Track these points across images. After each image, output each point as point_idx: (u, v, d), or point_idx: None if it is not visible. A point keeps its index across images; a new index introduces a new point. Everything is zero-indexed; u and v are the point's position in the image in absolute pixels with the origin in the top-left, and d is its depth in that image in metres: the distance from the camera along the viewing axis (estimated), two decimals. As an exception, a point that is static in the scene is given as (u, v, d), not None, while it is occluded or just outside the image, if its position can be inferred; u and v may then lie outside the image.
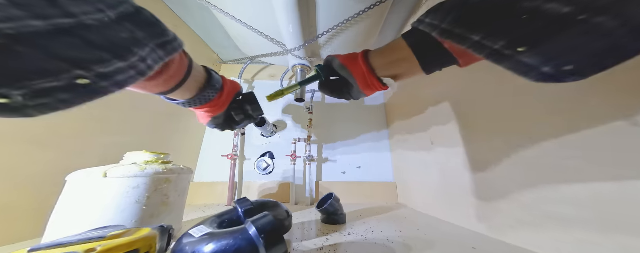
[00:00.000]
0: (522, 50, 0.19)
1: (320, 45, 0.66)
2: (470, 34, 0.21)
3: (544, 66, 0.18)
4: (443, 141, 0.56)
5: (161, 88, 0.29)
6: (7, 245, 0.38)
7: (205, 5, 0.58)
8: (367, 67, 0.34)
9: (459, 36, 0.22)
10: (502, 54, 0.20)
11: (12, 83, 0.14)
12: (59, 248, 0.20)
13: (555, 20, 0.17)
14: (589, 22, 0.16)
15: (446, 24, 0.23)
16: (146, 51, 0.21)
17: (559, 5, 0.16)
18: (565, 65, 0.18)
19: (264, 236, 0.25)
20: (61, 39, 0.15)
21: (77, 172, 0.37)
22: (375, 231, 0.46)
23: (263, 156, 0.89)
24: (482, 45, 0.21)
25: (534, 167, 0.34)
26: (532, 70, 0.19)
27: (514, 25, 0.19)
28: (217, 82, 0.36)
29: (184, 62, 0.29)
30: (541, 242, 0.33)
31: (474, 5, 0.21)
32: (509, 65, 0.20)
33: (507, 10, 0.19)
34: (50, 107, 0.16)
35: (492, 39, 0.20)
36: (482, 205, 0.43)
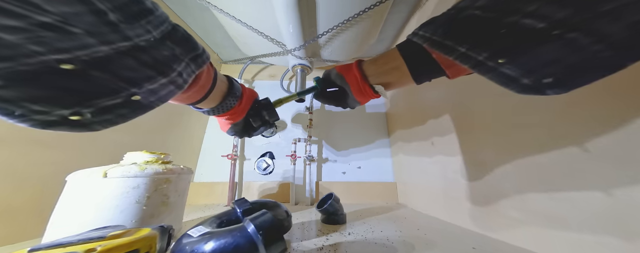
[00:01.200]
0: (502, 62, 0.20)
1: (320, 45, 0.66)
2: (458, 45, 0.23)
3: (523, 78, 0.20)
4: (443, 141, 0.56)
5: (192, 99, 0.31)
6: (7, 245, 0.38)
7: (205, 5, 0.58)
8: (360, 74, 0.36)
9: (447, 47, 0.24)
10: (486, 65, 0.21)
11: (84, 102, 0.16)
12: (59, 248, 0.20)
13: (531, 35, 0.18)
14: (563, 37, 0.17)
15: (437, 36, 0.25)
16: (182, 66, 0.22)
17: (534, 21, 0.18)
18: (544, 78, 0.19)
19: (263, 233, 0.25)
20: (121, 61, 0.17)
21: (77, 172, 0.37)
22: (375, 231, 0.46)
23: (263, 156, 0.89)
24: (468, 56, 0.22)
25: (534, 168, 0.34)
26: (512, 81, 0.20)
27: (495, 38, 0.20)
28: (238, 90, 0.37)
29: (210, 73, 0.31)
30: (541, 242, 0.33)
31: (462, 20, 0.23)
32: (491, 76, 0.21)
33: (490, 25, 0.20)
34: (111, 121, 0.18)
35: (476, 51, 0.21)
36: (482, 205, 0.43)
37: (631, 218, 0.24)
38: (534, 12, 0.18)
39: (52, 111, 0.15)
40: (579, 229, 0.28)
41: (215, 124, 0.97)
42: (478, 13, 0.22)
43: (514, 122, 0.37)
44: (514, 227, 0.37)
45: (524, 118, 0.35)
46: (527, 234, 0.35)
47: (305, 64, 0.69)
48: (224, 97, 0.35)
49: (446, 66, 0.28)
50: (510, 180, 0.38)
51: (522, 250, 0.34)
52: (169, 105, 0.36)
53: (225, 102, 0.35)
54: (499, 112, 0.40)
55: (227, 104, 0.36)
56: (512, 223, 0.37)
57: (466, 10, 0.23)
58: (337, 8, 0.54)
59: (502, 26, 0.20)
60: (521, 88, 0.20)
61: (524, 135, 0.35)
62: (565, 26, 0.17)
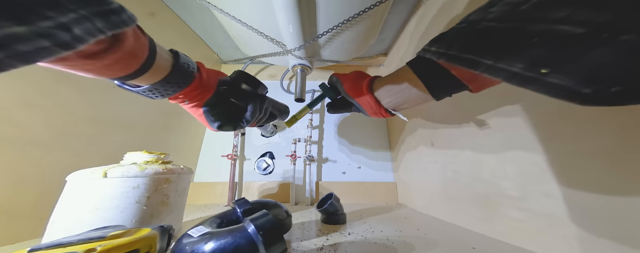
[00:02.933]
0: (545, 72, 0.18)
1: (320, 45, 0.66)
2: (482, 58, 0.21)
3: (583, 88, 0.17)
4: (443, 141, 0.56)
5: (116, 71, 0.24)
6: (7, 245, 0.38)
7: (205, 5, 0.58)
8: (375, 100, 0.35)
9: (469, 61, 0.22)
10: (525, 77, 0.19)
11: None
12: (59, 248, 0.20)
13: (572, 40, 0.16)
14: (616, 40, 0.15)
15: (453, 51, 0.24)
16: (70, 18, 0.17)
17: (571, 27, 0.16)
18: (611, 87, 0.16)
19: (263, 233, 0.25)
20: None
21: (77, 172, 0.37)
22: (375, 231, 0.46)
23: (263, 156, 0.89)
24: (497, 68, 0.20)
25: (534, 167, 0.34)
26: (570, 92, 0.17)
27: (527, 47, 0.18)
28: (188, 63, 0.31)
29: (141, 39, 0.25)
30: (541, 242, 0.33)
31: (480, 32, 0.22)
32: (537, 88, 0.19)
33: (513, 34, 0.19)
34: None
35: (506, 61, 0.20)
36: (482, 205, 0.43)
37: (631, 219, 0.24)
38: (567, 19, 0.16)
39: None
40: (579, 229, 0.28)
41: (215, 124, 0.97)
42: (494, 24, 0.21)
43: (514, 122, 0.37)
44: (514, 227, 0.37)
45: (524, 118, 0.35)
46: (527, 234, 0.35)
47: (305, 64, 0.69)
48: (170, 72, 0.29)
49: (469, 81, 0.27)
50: (510, 180, 0.38)
51: (522, 250, 0.34)
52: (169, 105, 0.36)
53: (171, 76, 0.29)
54: (500, 112, 0.40)
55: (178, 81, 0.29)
56: (512, 223, 0.37)
57: (479, 22, 0.22)
58: (337, 8, 0.54)
59: (530, 34, 0.18)
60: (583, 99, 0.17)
61: (524, 135, 0.35)
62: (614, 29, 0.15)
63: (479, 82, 0.28)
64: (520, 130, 0.36)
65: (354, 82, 0.38)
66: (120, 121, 0.60)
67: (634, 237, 0.24)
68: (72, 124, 0.49)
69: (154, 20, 0.67)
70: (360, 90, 0.36)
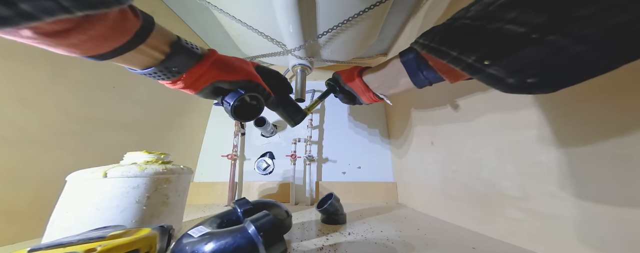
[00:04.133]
0: (487, 63, 0.22)
1: (320, 45, 0.66)
2: (451, 50, 0.26)
3: (508, 78, 0.21)
4: (443, 141, 0.56)
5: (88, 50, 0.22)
6: (7, 245, 0.38)
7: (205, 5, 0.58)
8: (363, 84, 0.41)
9: (442, 52, 0.27)
10: (474, 67, 0.23)
11: None
12: (59, 248, 0.20)
13: (512, 38, 0.20)
14: (543, 40, 0.18)
15: (435, 43, 0.28)
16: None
17: (515, 27, 0.19)
18: (528, 78, 0.20)
19: (263, 234, 0.25)
20: None
21: (77, 172, 0.37)
22: (375, 231, 0.46)
23: (263, 156, 0.89)
24: (459, 59, 0.25)
25: (534, 167, 0.34)
26: (498, 81, 0.22)
27: (482, 42, 0.22)
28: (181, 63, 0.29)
29: (128, 23, 0.23)
30: (541, 241, 0.33)
31: (456, 28, 0.26)
32: (480, 77, 0.23)
33: (477, 31, 0.23)
34: None
35: (466, 54, 0.24)
36: (482, 205, 0.43)
37: (631, 219, 0.24)
38: (515, 19, 0.19)
39: None
40: (579, 229, 0.28)
41: (215, 124, 0.97)
42: (468, 22, 0.24)
43: (514, 122, 0.37)
44: (514, 227, 0.37)
45: (524, 117, 0.35)
46: (527, 234, 0.35)
47: (305, 64, 0.69)
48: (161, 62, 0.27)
49: (443, 72, 0.31)
50: (510, 180, 0.38)
51: (522, 250, 0.34)
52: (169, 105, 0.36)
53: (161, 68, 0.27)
54: (499, 112, 0.40)
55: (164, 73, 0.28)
56: (512, 223, 0.37)
57: (459, 19, 0.26)
58: (337, 8, 0.54)
59: (487, 32, 0.22)
60: (507, 87, 0.22)
61: (524, 135, 0.35)
62: (543, 30, 0.18)
63: (451, 72, 0.31)
64: (521, 130, 0.36)
65: (349, 72, 0.46)
66: (120, 121, 0.60)
67: (634, 237, 0.24)
68: (69, 123, 0.49)
69: (154, 20, 0.67)
70: (352, 76, 0.44)
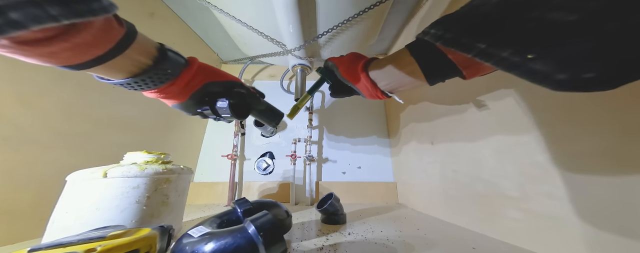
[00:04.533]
0: (531, 57, 0.19)
1: (320, 45, 0.66)
2: (477, 42, 0.21)
3: (559, 73, 0.18)
4: (443, 141, 0.56)
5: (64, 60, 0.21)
6: (7, 245, 0.38)
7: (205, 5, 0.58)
8: (371, 82, 0.34)
9: (464, 45, 0.22)
10: (511, 61, 0.20)
11: None
12: (59, 248, 0.20)
13: (562, 28, 0.17)
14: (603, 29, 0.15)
15: (451, 34, 0.24)
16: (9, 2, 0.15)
17: (564, 14, 0.16)
18: (585, 73, 0.17)
19: (263, 234, 0.25)
20: None
21: (77, 172, 0.37)
22: (375, 231, 0.46)
23: (263, 156, 0.89)
24: (488, 53, 0.21)
25: (534, 167, 0.34)
26: (547, 77, 0.18)
27: (521, 33, 0.19)
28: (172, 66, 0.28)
29: (113, 32, 0.23)
30: (541, 241, 0.33)
31: (480, 16, 0.22)
32: (520, 73, 0.20)
33: (513, 19, 0.19)
34: None
35: (499, 46, 0.20)
36: (482, 205, 0.43)
37: (631, 219, 0.24)
38: (562, 4, 0.16)
39: None
40: (579, 229, 0.28)
41: (215, 124, 0.97)
42: (495, 9, 0.21)
43: (514, 122, 0.37)
44: (514, 227, 0.37)
45: (525, 117, 0.35)
46: (527, 234, 0.35)
47: (305, 64, 0.69)
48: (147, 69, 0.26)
49: (464, 66, 0.27)
50: (510, 180, 0.38)
51: (522, 250, 0.34)
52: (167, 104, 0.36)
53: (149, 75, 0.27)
54: (500, 112, 0.40)
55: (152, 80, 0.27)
56: (512, 223, 0.37)
57: (483, 6, 0.22)
58: (337, 8, 0.54)
59: (527, 20, 0.18)
60: (556, 84, 0.18)
61: (523, 135, 0.35)
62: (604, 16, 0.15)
63: (472, 67, 0.27)
64: (521, 131, 0.36)
65: (350, 64, 0.37)
66: (120, 121, 0.60)
67: (635, 237, 0.24)
68: (70, 123, 0.49)
69: (154, 20, 0.67)
70: (356, 73, 0.36)
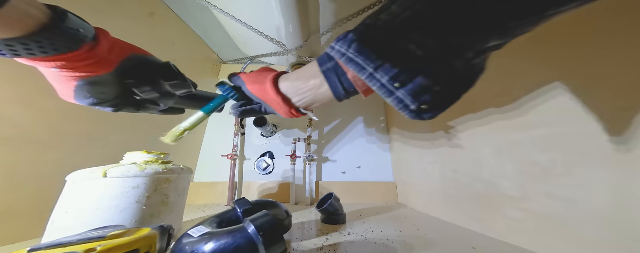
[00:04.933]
0: (398, 87, 0.20)
1: (320, 45, 0.66)
2: (367, 64, 0.21)
3: (412, 104, 0.20)
4: (443, 141, 0.56)
5: None
6: (7, 245, 0.38)
7: (205, 5, 0.58)
8: (283, 99, 0.31)
9: (359, 66, 0.22)
10: (387, 89, 0.21)
11: None
12: (59, 248, 0.20)
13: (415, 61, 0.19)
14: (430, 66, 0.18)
15: (351, 53, 0.23)
16: None
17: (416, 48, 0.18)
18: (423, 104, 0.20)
19: (263, 234, 0.25)
20: None
21: (77, 172, 0.37)
22: (375, 231, 0.46)
23: (263, 156, 0.89)
24: (373, 78, 0.21)
25: (534, 167, 0.34)
26: (405, 107, 0.21)
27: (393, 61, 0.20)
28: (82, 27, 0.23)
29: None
30: (541, 242, 0.33)
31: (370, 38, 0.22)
32: (392, 101, 0.21)
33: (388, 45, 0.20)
34: None
35: (380, 72, 0.21)
36: (482, 205, 0.43)
37: (631, 219, 0.24)
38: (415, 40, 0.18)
39: None
40: (579, 229, 0.28)
41: (215, 124, 0.97)
42: (379, 33, 0.21)
43: (514, 122, 0.37)
44: (514, 227, 0.37)
45: (525, 117, 0.35)
46: (527, 234, 0.35)
47: (305, 64, 0.69)
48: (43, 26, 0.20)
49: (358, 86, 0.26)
50: (510, 180, 0.38)
51: (522, 250, 0.34)
52: (169, 105, 0.36)
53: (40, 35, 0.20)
54: (500, 112, 0.40)
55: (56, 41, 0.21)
56: (512, 223, 0.37)
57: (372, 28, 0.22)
58: (337, 8, 0.54)
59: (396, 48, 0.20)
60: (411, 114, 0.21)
61: (524, 135, 0.36)
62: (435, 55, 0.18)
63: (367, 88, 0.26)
64: (520, 131, 0.36)
65: (257, 79, 0.33)
66: (120, 121, 0.60)
67: (635, 237, 0.24)
68: (70, 123, 0.49)
69: (154, 20, 0.67)
70: (264, 88, 0.32)
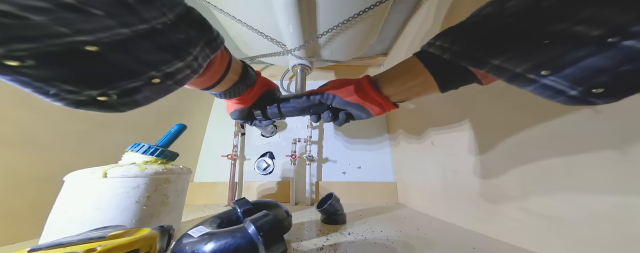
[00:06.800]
0: (546, 74, 0.18)
1: (320, 45, 0.66)
2: (491, 57, 0.21)
3: (571, 89, 0.18)
4: (443, 141, 0.56)
5: (206, 84, 0.30)
6: (7, 245, 0.38)
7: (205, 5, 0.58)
8: (384, 98, 0.33)
9: (475, 59, 0.22)
10: (526, 78, 0.19)
11: (109, 84, 0.17)
12: (59, 248, 0.20)
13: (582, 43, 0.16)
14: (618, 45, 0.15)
15: (458, 46, 0.23)
16: (197, 50, 0.22)
17: (587, 28, 0.16)
18: (594, 88, 0.17)
19: (263, 234, 0.25)
20: (140, 44, 0.17)
21: (76, 172, 0.37)
22: (375, 231, 0.46)
23: (263, 156, 0.89)
24: (502, 69, 0.20)
25: (534, 167, 0.34)
26: (558, 93, 0.19)
27: (537, 48, 0.18)
28: (250, 78, 0.36)
29: (225, 58, 0.30)
30: (541, 242, 0.33)
31: (493, 29, 0.21)
32: (533, 89, 0.19)
33: (530, 34, 0.19)
34: (136, 103, 0.19)
35: (514, 62, 0.20)
36: (482, 205, 0.43)
37: (631, 219, 0.24)
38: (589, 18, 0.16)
39: (82, 91, 0.16)
40: (579, 229, 0.28)
41: (215, 124, 0.97)
42: (511, 21, 0.20)
43: (514, 122, 0.37)
44: (514, 227, 0.37)
45: (525, 117, 0.35)
46: (527, 234, 0.35)
47: (306, 64, 0.69)
48: (235, 82, 0.34)
49: (482, 75, 0.26)
50: (510, 180, 0.38)
51: (522, 250, 0.34)
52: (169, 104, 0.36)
53: (235, 87, 0.34)
54: (500, 112, 0.40)
55: (237, 90, 0.35)
56: (512, 223, 0.37)
57: (494, 18, 0.21)
58: (337, 8, 0.54)
59: (545, 35, 0.18)
60: (568, 100, 0.19)
61: (524, 135, 0.36)
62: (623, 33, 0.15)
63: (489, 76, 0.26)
64: (520, 130, 0.36)
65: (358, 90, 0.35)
66: (120, 121, 0.60)
67: (635, 237, 0.24)
68: (70, 123, 0.49)
69: (154, 20, 0.67)
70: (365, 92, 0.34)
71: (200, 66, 0.23)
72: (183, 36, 0.20)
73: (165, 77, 0.19)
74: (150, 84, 0.19)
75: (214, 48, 0.25)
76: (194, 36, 0.21)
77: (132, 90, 0.18)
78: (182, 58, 0.20)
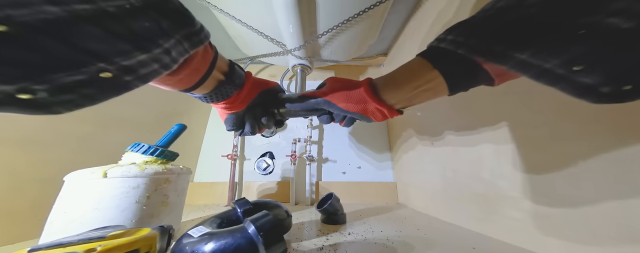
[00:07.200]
0: (578, 69, 0.17)
1: (320, 45, 0.66)
2: (514, 51, 0.19)
3: (603, 86, 0.17)
4: (443, 141, 0.56)
5: (184, 84, 0.26)
6: (7, 245, 0.38)
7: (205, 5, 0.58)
8: (387, 107, 0.31)
9: (497, 54, 0.20)
10: (555, 74, 0.17)
11: (34, 77, 0.13)
12: (59, 248, 0.20)
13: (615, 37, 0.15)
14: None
15: (475, 40, 0.21)
16: (171, 43, 0.19)
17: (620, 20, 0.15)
18: (624, 85, 0.16)
19: (263, 234, 0.25)
20: (81, 28, 0.14)
21: (76, 172, 0.37)
22: (375, 231, 0.46)
23: (263, 156, 0.88)
24: (528, 64, 0.18)
25: (534, 167, 0.34)
26: (590, 91, 0.17)
27: (569, 41, 0.17)
28: (238, 78, 0.33)
29: (208, 54, 0.27)
30: (541, 242, 0.33)
31: (515, 21, 0.19)
32: (563, 86, 0.18)
33: (560, 26, 0.17)
34: (76, 103, 0.15)
35: (541, 57, 0.18)
36: (482, 205, 0.43)
37: (631, 219, 0.24)
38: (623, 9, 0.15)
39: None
40: (579, 229, 0.28)
41: (215, 124, 0.97)
42: (534, 12, 0.18)
43: (514, 122, 0.37)
44: (514, 227, 0.37)
45: (525, 117, 0.35)
46: (527, 234, 0.35)
47: (305, 64, 0.69)
48: (220, 82, 0.30)
49: (497, 74, 0.24)
50: (510, 180, 0.38)
51: (522, 250, 0.34)
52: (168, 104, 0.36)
53: (221, 88, 0.31)
54: (500, 112, 0.40)
55: (224, 92, 0.31)
56: (512, 223, 0.37)
57: (514, 9, 0.19)
58: (337, 8, 0.54)
59: (578, 27, 0.16)
60: (598, 97, 0.17)
61: (524, 135, 0.36)
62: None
63: (505, 76, 0.24)
64: (520, 130, 0.36)
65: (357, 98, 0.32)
66: (120, 121, 0.60)
67: (634, 237, 0.24)
68: (70, 124, 0.49)
69: (154, 20, 0.67)
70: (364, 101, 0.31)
71: (174, 61, 0.20)
72: (149, 24, 0.17)
73: (120, 70, 0.16)
74: (97, 78, 0.15)
75: (194, 43, 0.22)
76: (166, 27, 0.18)
77: (70, 86, 0.14)
78: (146, 50, 0.17)
